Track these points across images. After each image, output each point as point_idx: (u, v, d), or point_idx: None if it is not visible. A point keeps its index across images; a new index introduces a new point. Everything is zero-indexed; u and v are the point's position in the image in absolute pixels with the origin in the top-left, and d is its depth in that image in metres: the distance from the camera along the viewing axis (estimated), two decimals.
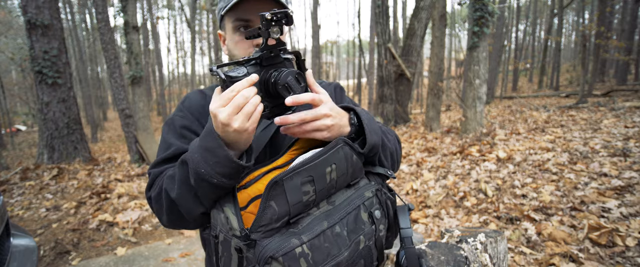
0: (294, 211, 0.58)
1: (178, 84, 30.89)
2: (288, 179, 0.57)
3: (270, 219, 0.56)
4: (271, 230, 0.56)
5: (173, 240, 3.15)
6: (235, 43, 0.80)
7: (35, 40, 5.75)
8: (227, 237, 0.60)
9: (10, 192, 4.53)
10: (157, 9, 24.26)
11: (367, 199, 0.68)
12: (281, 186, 0.56)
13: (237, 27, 0.79)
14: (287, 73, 0.62)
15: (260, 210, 0.56)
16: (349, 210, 0.64)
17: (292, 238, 0.56)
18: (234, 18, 0.78)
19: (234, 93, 0.57)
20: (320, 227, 0.59)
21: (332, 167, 0.61)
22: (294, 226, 0.59)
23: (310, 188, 0.59)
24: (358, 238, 0.63)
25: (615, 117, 6.03)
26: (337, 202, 0.64)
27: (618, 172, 3.12)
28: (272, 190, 0.56)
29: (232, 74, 0.60)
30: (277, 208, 0.56)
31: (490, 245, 1.20)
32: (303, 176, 0.58)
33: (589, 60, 11.44)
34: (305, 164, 0.59)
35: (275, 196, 0.56)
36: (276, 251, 0.54)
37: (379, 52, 9.34)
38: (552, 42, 19.28)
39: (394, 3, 17.51)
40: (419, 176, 4.27)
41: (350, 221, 0.63)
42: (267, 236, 0.56)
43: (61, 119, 6.11)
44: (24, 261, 1.79)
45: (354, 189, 0.69)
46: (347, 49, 37.93)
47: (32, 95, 14.38)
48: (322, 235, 0.58)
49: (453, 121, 9.05)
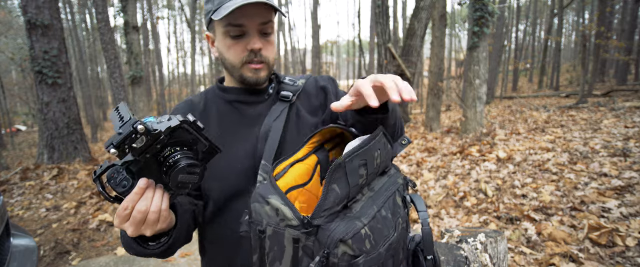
0: (353, 192, 0.59)
1: (178, 84, 30.88)
2: (349, 161, 0.57)
3: (333, 202, 0.56)
4: (333, 214, 0.57)
5: None
6: (227, 47, 0.80)
7: (35, 40, 5.75)
8: (278, 229, 0.58)
9: (10, 192, 4.53)
10: (157, 9, 24.26)
11: (399, 185, 0.71)
12: (343, 168, 0.57)
13: (229, 32, 0.78)
14: (175, 172, 0.55)
15: (324, 194, 0.56)
16: (388, 195, 0.66)
17: (355, 221, 0.56)
18: (225, 23, 0.77)
19: (129, 211, 0.58)
20: (372, 210, 0.60)
21: (378, 152, 0.64)
22: (348, 210, 0.59)
23: (364, 171, 0.60)
24: (398, 220, 0.65)
25: (615, 117, 6.03)
26: (376, 188, 0.66)
27: (618, 172, 3.12)
28: (335, 173, 0.56)
29: (118, 188, 0.56)
30: (340, 191, 0.57)
31: (490, 245, 1.20)
32: (360, 159, 0.59)
33: (589, 60, 11.44)
34: (362, 146, 0.60)
35: (338, 179, 0.56)
36: (345, 234, 0.54)
37: (379, 52, 9.33)
38: (552, 42, 19.28)
39: (394, 3, 17.52)
40: (419, 176, 4.27)
41: (391, 204, 0.66)
42: (329, 221, 0.56)
43: (61, 119, 6.11)
44: (24, 261, 1.79)
45: (387, 176, 0.71)
46: (347, 49, 37.94)
47: (32, 95, 14.38)
48: (376, 218, 0.60)
49: (453, 121, 9.05)
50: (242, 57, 0.80)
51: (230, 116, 0.86)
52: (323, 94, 0.91)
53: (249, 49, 0.79)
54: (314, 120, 0.87)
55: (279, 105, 0.85)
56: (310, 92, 0.91)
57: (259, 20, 0.78)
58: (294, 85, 0.90)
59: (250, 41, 0.78)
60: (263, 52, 0.81)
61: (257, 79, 0.82)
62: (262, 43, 0.80)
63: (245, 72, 0.81)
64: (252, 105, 0.86)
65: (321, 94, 0.92)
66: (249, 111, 0.85)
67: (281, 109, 0.84)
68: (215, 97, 0.89)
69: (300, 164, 0.72)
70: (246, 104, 0.86)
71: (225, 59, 0.82)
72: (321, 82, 0.94)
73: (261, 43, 0.80)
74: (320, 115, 0.89)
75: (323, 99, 0.91)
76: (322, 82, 0.93)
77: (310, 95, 0.91)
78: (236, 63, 0.81)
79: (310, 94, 0.91)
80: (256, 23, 0.78)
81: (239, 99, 0.87)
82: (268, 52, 0.82)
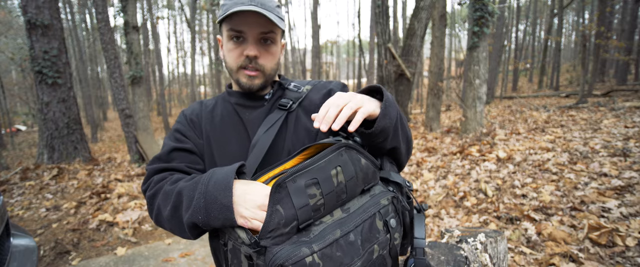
0: (302, 215, 0.57)
1: (178, 84, 30.88)
2: (290, 181, 0.56)
3: (278, 224, 0.55)
4: (280, 235, 0.55)
5: (173, 240, 3.15)
6: (228, 50, 0.83)
7: (35, 40, 5.75)
8: (237, 245, 0.59)
9: (10, 192, 4.53)
10: (157, 9, 24.26)
11: (382, 206, 0.66)
12: (285, 188, 0.56)
13: (231, 36, 0.81)
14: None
15: (268, 215, 0.55)
16: (364, 218, 0.63)
17: (302, 247, 0.55)
18: (228, 27, 0.81)
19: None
20: (332, 235, 0.58)
21: (337, 169, 0.61)
22: (305, 233, 0.57)
23: (317, 191, 0.58)
24: (372, 247, 0.62)
25: (615, 117, 6.03)
26: (351, 210, 0.63)
27: (618, 172, 3.12)
28: (276, 193, 0.55)
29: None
30: (284, 212, 0.55)
31: (490, 245, 1.20)
32: (306, 178, 0.57)
33: (589, 60, 11.44)
34: (307, 166, 0.58)
35: (281, 200, 0.55)
36: (286, 259, 0.52)
37: (379, 52, 9.33)
38: (552, 42, 19.27)
39: (394, 3, 17.51)
40: (419, 176, 4.27)
41: (365, 229, 0.62)
42: (277, 243, 0.55)
43: (61, 119, 6.11)
44: (24, 261, 1.79)
45: (369, 195, 0.67)
46: (347, 49, 37.93)
47: (32, 95, 14.37)
48: (335, 244, 0.57)
49: (453, 121, 9.05)
50: (238, 61, 0.82)
51: (231, 118, 0.88)
52: (327, 98, 0.89)
53: (245, 54, 0.81)
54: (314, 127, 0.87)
55: (275, 114, 0.85)
56: (314, 99, 0.90)
57: (259, 30, 0.79)
58: (297, 92, 0.90)
59: (248, 47, 0.81)
60: (260, 60, 0.82)
61: (251, 86, 0.84)
62: (260, 51, 0.81)
63: (240, 77, 0.84)
64: (250, 109, 0.88)
65: (326, 98, 0.89)
66: (246, 115, 0.87)
67: (276, 118, 0.84)
68: (223, 100, 0.93)
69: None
70: (245, 107, 0.88)
71: (226, 62, 0.85)
72: (329, 86, 0.93)
73: (258, 51, 0.81)
74: None
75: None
76: (329, 86, 0.93)
77: (314, 101, 0.90)
78: (233, 67, 0.83)
79: (315, 100, 0.90)
80: (256, 31, 0.79)
81: (239, 102, 0.89)
82: (265, 61, 0.83)
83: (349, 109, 0.63)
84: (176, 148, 0.82)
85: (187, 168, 0.80)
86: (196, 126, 0.88)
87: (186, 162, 0.81)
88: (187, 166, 0.80)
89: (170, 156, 0.81)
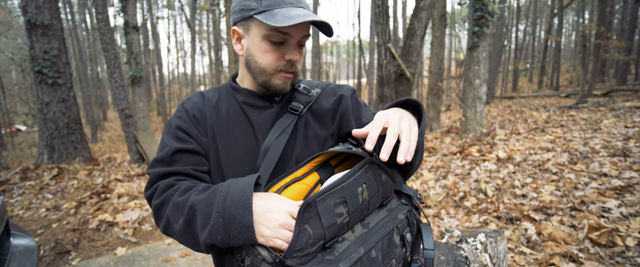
0: (329, 234, 0.56)
1: (178, 84, 30.87)
2: (320, 200, 0.55)
3: (306, 243, 0.54)
4: (307, 255, 0.54)
5: (173, 240, 3.15)
6: (263, 51, 0.76)
7: (35, 40, 5.75)
8: (255, 262, 0.57)
9: (10, 192, 4.53)
10: (157, 9, 24.26)
11: (400, 221, 0.66)
12: (314, 208, 0.54)
13: (270, 37, 0.74)
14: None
15: (295, 234, 0.54)
16: (383, 233, 0.62)
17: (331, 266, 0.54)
18: (270, 27, 0.73)
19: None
20: (357, 253, 0.57)
21: (363, 187, 0.60)
22: (330, 251, 0.56)
23: (344, 210, 0.57)
24: (390, 262, 0.62)
25: (615, 117, 6.03)
26: (371, 225, 0.63)
27: (618, 172, 3.12)
28: (305, 213, 0.54)
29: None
30: (312, 231, 0.54)
31: (490, 245, 1.20)
32: (336, 197, 0.56)
33: (589, 60, 11.44)
34: (337, 184, 0.57)
35: (309, 219, 0.54)
36: None
37: (379, 52, 9.31)
38: (552, 42, 19.27)
39: (394, 3, 17.51)
40: (419, 176, 4.27)
41: (385, 244, 0.62)
42: (303, 262, 0.54)
43: (61, 119, 6.11)
44: (24, 261, 1.79)
45: (386, 210, 0.67)
46: (347, 49, 37.93)
47: (32, 95, 14.37)
48: (359, 262, 0.57)
49: (453, 121, 9.05)
50: (277, 65, 0.77)
51: (238, 117, 0.83)
52: (337, 105, 0.85)
53: (287, 58, 0.77)
54: (324, 133, 0.83)
55: (286, 119, 0.81)
56: (324, 104, 0.85)
57: (303, 33, 0.76)
58: (307, 95, 0.86)
59: (290, 51, 0.76)
60: (297, 63, 0.80)
61: (284, 88, 0.80)
62: (298, 55, 0.79)
63: (275, 79, 0.78)
64: (259, 110, 0.83)
65: (336, 105, 0.85)
66: (255, 116, 0.83)
67: (288, 123, 0.80)
68: (227, 95, 0.87)
69: (298, 184, 0.68)
70: (254, 107, 0.83)
71: (256, 62, 0.78)
72: (339, 92, 0.87)
73: (298, 55, 0.79)
74: (330, 128, 0.84)
75: (336, 111, 0.84)
76: (339, 92, 0.87)
77: (323, 106, 0.85)
78: (269, 69, 0.77)
79: (324, 105, 0.85)
80: (300, 35, 0.76)
81: (248, 101, 0.84)
82: (299, 64, 0.81)
83: (408, 141, 0.60)
84: (179, 149, 0.76)
85: (192, 171, 0.75)
86: (200, 123, 0.81)
87: (191, 165, 0.76)
88: (192, 169, 0.75)
89: (174, 158, 0.76)
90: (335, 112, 0.84)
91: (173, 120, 0.82)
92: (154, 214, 0.73)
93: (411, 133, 0.61)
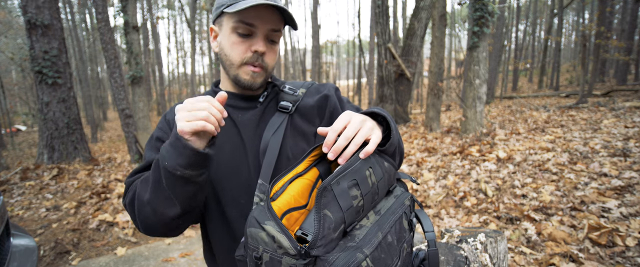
0: (349, 217, 0.56)
1: (178, 84, 30.88)
2: (335, 183, 0.55)
3: (329, 229, 0.54)
4: (331, 241, 0.54)
5: (173, 240, 3.15)
6: (231, 44, 0.78)
7: (35, 40, 5.75)
8: (275, 256, 0.55)
9: (10, 192, 4.53)
10: (157, 9, 24.27)
11: (406, 207, 0.69)
12: (330, 191, 0.55)
13: (237, 29, 0.77)
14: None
15: (317, 221, 0.54)
16: (395, 218, 0.64)
17: (356, 252, 0.54)
18: (237, 19, 0.76)
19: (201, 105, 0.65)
20: (376, 238, 0.58)
21: (370, 170, 0.62)
22: (350, 238, 0.57)
23: (357, 192, 0.58)
24: (402, 245, 0.64)
25: (615, 117, 6.03)
26: (382, 211, 0.64)
27: (618, 172, 3.12)
28: (323, 197, 0.54)
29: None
30: (333, 216, 0.54)
31: (490, 245, 1.20)
32: (348, 179, 0.57)
33: (589, 60, 11.45)
34: (348, 167, 0.58)
35: (327, 204, 0.54)
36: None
37: (379, 52, 9.33)
38: (552, 42, 19.28)
39: (394, 3, 17.51)
40: (419, 176, 4.27)
41: (397, 229, 0.64)
42: (328, 250, 0.53)
43: (61, 119, 6.11)
44: (24, 261, 1.79)
45: (394, 196, 0.69)
46: (347, 49, 37.93)
47: (32, 95, 14.38)
48: (379, 246, 0.58)
49: (453, 121, 9.05)
50: (244, 56, 0.78)
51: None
52: (324, 103, 0.88)
53: (253, 50, 0.78)
54: (311, 129, 0.85)
55: (278, 117, 0.82)
56: (309, 102, 0.88)
57: (270, 26, 0.77)
58: (293, 95, 0.87)
59: (256, 43, 0.77)
60: (265, 57, 0.80)
61: (252, 83, 0.80)
62: (267, 48, 0.79)
63: (242, 73, 0.80)
64: (243, 111, 0.84)
65: (322, 103, 0.88)
66: (239, 117, 0.83)
67: (280, 121, 0.81)
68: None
69: (300, 180, 0.69)
70: (237, 108, 0.84)
71: (226, 56, 0.80)
72: (323, 90, 0.91)
73: (266, 47, 0.79)
74: (316, 124, 0.86)
75: (323, 109, 0.88)
76: (323, 91, 0.90)
77: (309, 104, 0.88)
78: (236, 61, 0.79)
79: (309, 103, 0.88)
80: (267, 27, 0.77)
81: (231, 103, 0.84)
82: (269, 59, 0.81)
83: (362, 136, 0.64)
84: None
85: None
86: None
87: None
88: None
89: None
90: (320, 109, 0.88)
91: (154, 132, 0.83)
92: (129, 214, 0.74)
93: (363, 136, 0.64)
